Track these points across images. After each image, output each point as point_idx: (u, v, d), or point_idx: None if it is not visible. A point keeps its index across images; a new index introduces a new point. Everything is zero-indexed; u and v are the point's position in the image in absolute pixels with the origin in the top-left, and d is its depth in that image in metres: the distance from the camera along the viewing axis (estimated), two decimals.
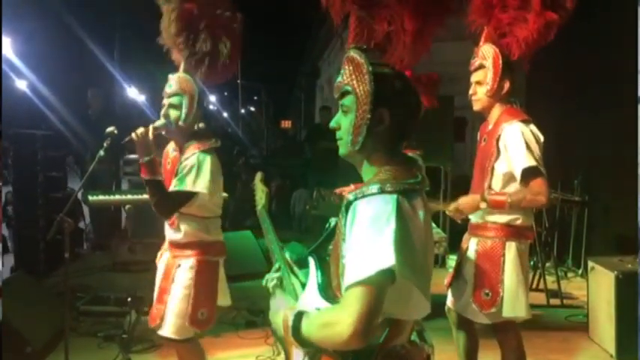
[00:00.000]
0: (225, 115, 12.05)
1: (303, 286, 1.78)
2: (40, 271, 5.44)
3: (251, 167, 10.65)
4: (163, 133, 2.83)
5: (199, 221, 2.84)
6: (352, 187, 1.56)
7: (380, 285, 1.32)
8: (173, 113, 2.80)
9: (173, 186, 2.76)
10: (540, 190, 2.67)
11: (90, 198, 5.00)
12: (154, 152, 2.74)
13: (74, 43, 7.21)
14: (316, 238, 1.74)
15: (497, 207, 2.75)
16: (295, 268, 1.91)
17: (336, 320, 1.33)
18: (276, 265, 1.95)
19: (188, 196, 2.72)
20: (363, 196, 1.40)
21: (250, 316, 4.70)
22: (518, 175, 2.69)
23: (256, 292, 5.30)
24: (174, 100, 2.80)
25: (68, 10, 6.83)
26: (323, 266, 1.63)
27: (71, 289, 4.42)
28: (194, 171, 2.72)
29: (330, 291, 1.56)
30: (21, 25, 4.65)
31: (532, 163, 2.66)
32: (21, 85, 6.30)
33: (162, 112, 2.82)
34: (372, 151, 1.51)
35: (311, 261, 1.67)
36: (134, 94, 10.90)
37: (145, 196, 5.22)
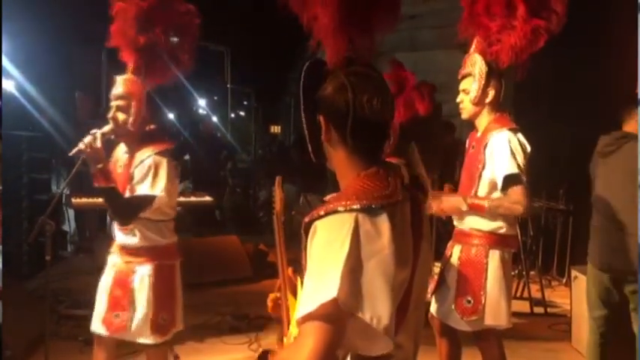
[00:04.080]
0: (214, 119, 12.07)
1: None
2: (23, 273, 5.40)
3: (239, 172, 10.62)
4: (112, 137, 2.79)
5: (154, 225, 2.79)
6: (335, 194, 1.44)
7: (329, 319, 1.18)
8: (121, 116, 2.73)
9: (130, 191, 2.72)
10: (518, 199, 2.67)
11: (73, 200, 4.94)
12: (105, 159, 2.71)
13: (62, 44, 7.16)
14: (300, 244, 1.69)
15: (476, 210, 2.77)
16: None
17: None
18: (278, 283, 1.81)
19: (148, 200, 2.69)
20: (319, 217, 1.28)
21: (234, 321, 4.67)
22: (500, 181, 2.70)
23: (241, 297, 5.28)
24: (122, 102, 2.73)
25: (56, 11, 6.78)
26: None
27: (53, 292, 4.38)
28: (151, 174, 2.68)
29: None
30: (9, 25, 4.61)
31: (514, 170, 2.66)
32: (8, 85, 6.24)
33: (110, 114, 2.74)
34: (337, 161, 1.42)
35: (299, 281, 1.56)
36: None
37: None
